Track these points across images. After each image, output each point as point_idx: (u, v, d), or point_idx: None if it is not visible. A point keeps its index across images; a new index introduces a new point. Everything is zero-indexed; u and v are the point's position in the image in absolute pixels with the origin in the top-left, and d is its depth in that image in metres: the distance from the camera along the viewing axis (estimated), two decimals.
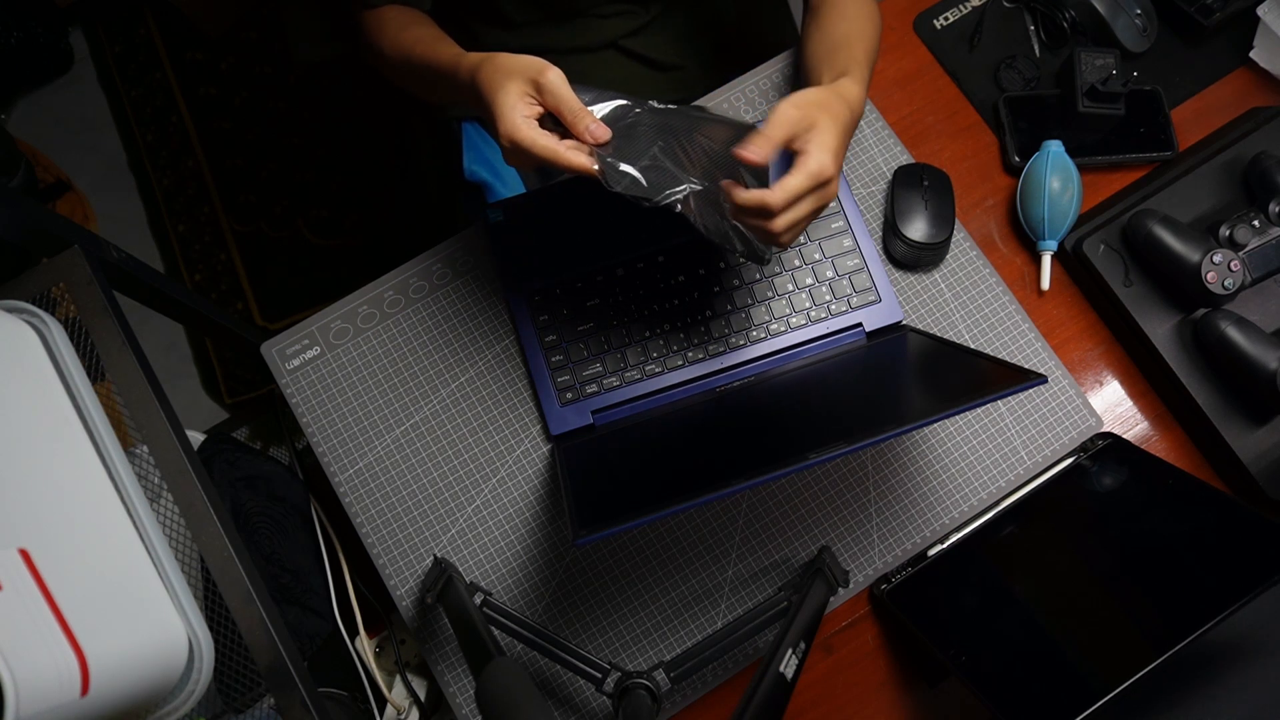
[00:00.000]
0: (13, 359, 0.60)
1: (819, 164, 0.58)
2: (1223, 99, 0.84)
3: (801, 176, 0.57)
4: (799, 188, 0.57)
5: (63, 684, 0.46)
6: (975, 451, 0.75)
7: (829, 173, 0.58)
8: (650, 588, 0.73)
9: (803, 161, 0.58)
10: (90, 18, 1.83)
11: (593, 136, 0.56)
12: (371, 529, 0.74)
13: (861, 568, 0.73)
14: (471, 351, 0.77)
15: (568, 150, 0.56)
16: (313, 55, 1.74)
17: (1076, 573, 0.66)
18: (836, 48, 0.71)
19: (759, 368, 0.75)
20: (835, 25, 0.73)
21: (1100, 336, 0.79)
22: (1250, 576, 0.55)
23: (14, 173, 1.27)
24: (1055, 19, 0.85)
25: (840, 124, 0.60)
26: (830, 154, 0.58)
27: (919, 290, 0.79)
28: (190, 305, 0.85)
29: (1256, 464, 0.72)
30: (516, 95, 0.57)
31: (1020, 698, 0.57)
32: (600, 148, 0.57)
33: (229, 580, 0.64)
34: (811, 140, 0.58)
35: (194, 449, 0.71)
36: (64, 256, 0.69)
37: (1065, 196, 0.77)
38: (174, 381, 1.62)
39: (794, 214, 0.58)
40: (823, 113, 0.59)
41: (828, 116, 0.59)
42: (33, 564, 0.49)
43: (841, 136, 0.60)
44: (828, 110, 0.60)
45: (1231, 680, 0.59)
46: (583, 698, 0.71)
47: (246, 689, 0.64)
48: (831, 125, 0.59)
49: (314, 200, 1.69)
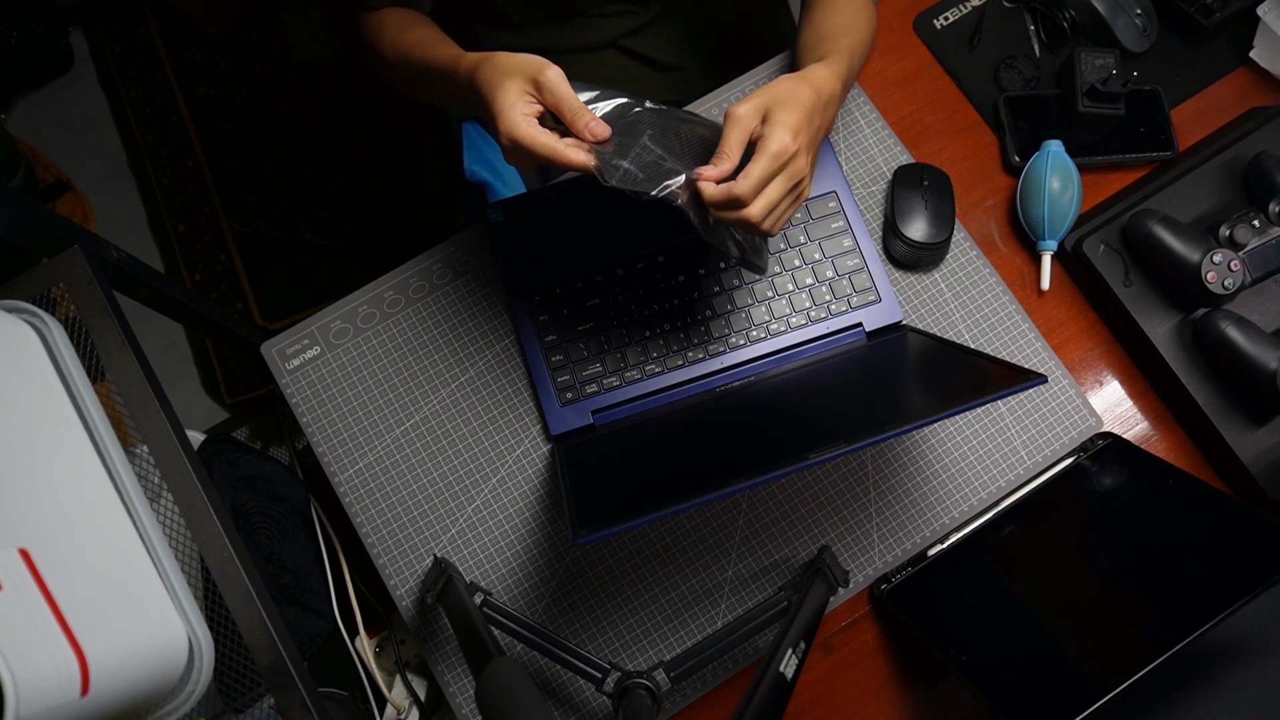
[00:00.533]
0: (13, 359, 0.60)
1: (779, 143, 0.57)
2: (1223, 99, 0.84)
3: (764, 160, 0.57)
4: (761, 172, 0.57)
5: (63, 684, 0.46)
6: (975, 451, 0.75)
7: (789, 149, 0.57)
8: (650, 588, 0.73)
9: (763, 145, 0.58)
10: (90, 18, 1.83)
11: (592, 134, 0.56)
12: (371, 529, 0.74)
13: (861, 568, 0.73)
14: (471, 351, 0.77)
15: (567, 148, 0.56)
16: (313, 55, 1.74)
17: (1076, 573, 0.66)
18: (821, 40, 0.71)
19: (759, 368, 0.75)
20: (826, 19, 0.73)
21: (1100, 336, 0.79)
22: (1250, 576, 0.55)
23: (14, 173, 1.28)
24: (1055, 19, 0.85)
25: (800, 104, 0.59)
26: (789, 131, 0.58)
27: (919, 290, 0.79)
28: (190, 305, 0.85)
29: (1256, 464, 0.72)
30: (516, 94, 0.57)
31: (1020, 698, 0.57)
32: (599, 145, 0.57)
33: (229, 580, 0.64)
34: (768, 124, 0.58)
35: (194, 449, 0.71)
36: (64, 256, 0.69)
37: (1065, 196, 0.77)
38: (174, 381, 1.62)
39: (766, 199, 0.58)
40: (777, 98, 0.59)
41: (784, 99, 0.59)
42: (33, 564, 0.49)
43: (801, 115, 0.59)
44: (782, 94, 0.59)
45: (1231, 680, 0.59)
46: (583, 698, 0.71)
47: (246, 689, 0.64)
48: (789, 106, 0.59)
49: (314, 200, 1.69)
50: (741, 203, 0.57)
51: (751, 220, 0.58)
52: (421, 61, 0.70)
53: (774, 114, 0.59)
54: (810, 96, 0.61)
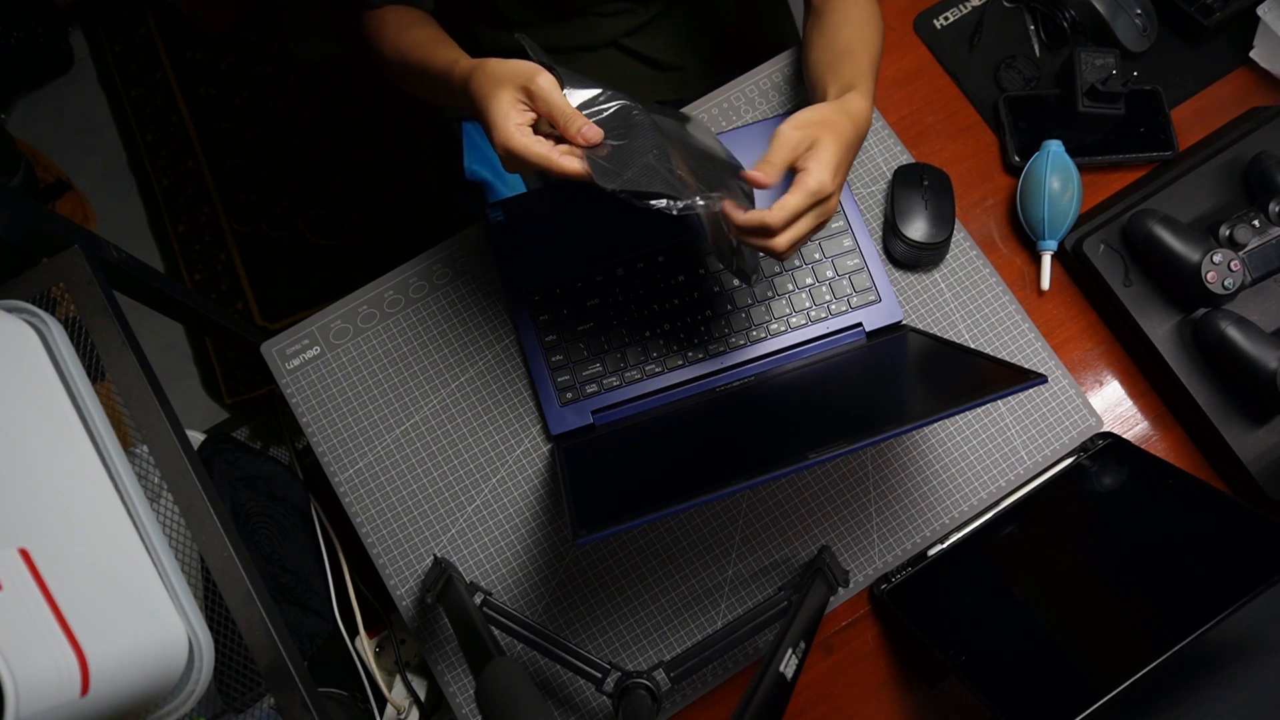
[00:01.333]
0: (13, 359, 0.60)
1: (818, 182, 0.58)
2: (1223, 99, 0.84)
3: (800, 195, 0.58)
4: (797, 206, 0.58)
5: (63, 684, 0.46)
6: (975, 451, 0.75)
7: (827, 189, 0.59)
8: (650, 588, 0.73)
9: (801, 179, 0.59)
10: (90, 18, 1.83)
11: (584, 139, 0.57)
12: (371, 529, 0.74)
13: (861, 568, 0.73)
14: (471, 351, 0.77)
15: (560, 156, 0.56)
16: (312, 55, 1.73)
17: (1076, 573, 0.66)
18: (840, 57, 0.71)
19: (759, 367, 0.75)
20: (839, 30, 0.73)
21: (1100, 336, 0.79)
22: (1250, 576, 0.55)
23: (14, 173, 1.28)
24: (1055, 19, 0.85)
25: (843, 140, 0.61)
26: (829, 170, 0.59)
27: (919, 290, 0.79)
28: (190, 305, 0.85)
29: (1256, 464, 0.72)
30: (509, 103, 0.57)
31: (1020, 698, 0.57)
32: (593, 149, 0.57)
33: (229, 580, 0.64)
34: (811, 158, 0.59)
35: (194, 449, 0.71)
36: (64, 256, 0.69)
37: (1065, 196, 0.77)
38: (174, 381, 1.62)
39: (794, 232, 0.59)
40: (825, 130, 0.60)
41: (829, 134, 0.60)
42: (33, 564, 0.49)
43: (843, 153, 0.61)
44: (830, 128, 0.60)
45: (1231, 680, 0.59)
46: (583, 698, 0.71)
47: (246, 689, 0.64)
48: (833, 143, 0.60)
49: (314, 200, 1.69)
50: (771, 231, 0.58)
51: (774, 249, 0.60)
52: (419, 64, 0.70)
53: (819, 149, 0.59)
54: (851, 134, 0.62)
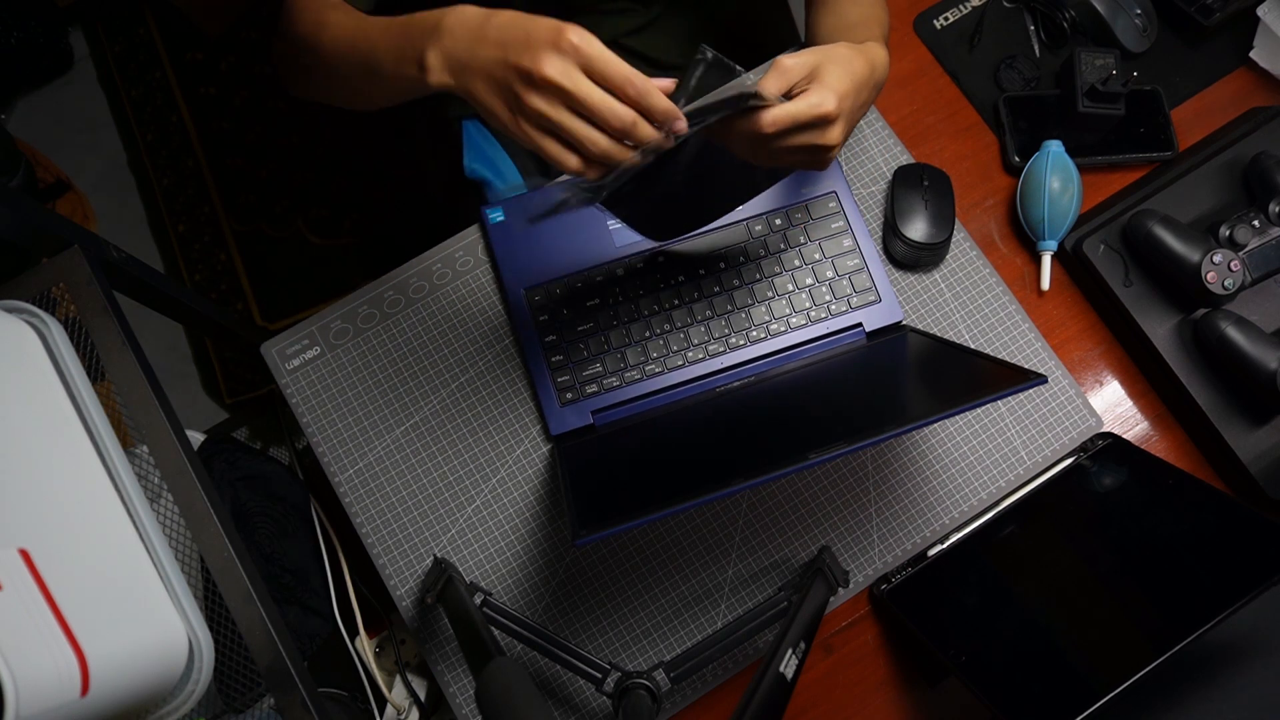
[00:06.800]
0: (13, 359, 0.60)
1: (819, 97, 0.53)
2: (1223, 99, 0.84)
3: (801, 104, 0.53)
4: (789, 113, 0.53)
5: (63, 684, 0.46)
6: (975, 451, 0.75)
7: (827, 108, 0.53)
8: (650, 588, 0.73)
9: (802, 96, 0.53)
10: (90, 18, 1.83)
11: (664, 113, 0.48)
12: (371, 529, 0.74)
13: (861, 568, 0.73)
14: (471, 351, 0.77)
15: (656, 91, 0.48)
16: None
17: (1076, 573, 0.66)
18: (853, 26, 0.68)
19: (759, 368, 0.75)
20: (848, 9, 0.71)
21: (1100, 336, 0.79)
22: (1250, 576, 0.55)
23: (14, 173, 1.27)
24: (1055, 19, 0.85)
25: (852, 72, 0.55)
26: (833, 93, 0.53)
27: (919, 290, 0.79)
28: (190, 305, 0.85)
29: (1256, 464, 0.72)
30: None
31: (1020, 698, 0.57)
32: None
33: (229, 580, 0.64)
34: (815, 81, 0.54)
35: (194, 449, 0.71)
36: (64, 256, 0.69)
37: (1065, 196, 0.77)
38: (174, 381, 1.62)
39: (783, 142, 0.54)
40: (829, 60, 0.55)
41: (835, 64, 0.55)
42: (33, 564, 0.49)
43: (851, 82, 0.55)
44: (837, 60, 0.55)
45: (1231, 680, 0.59)
46: (583, 698, 0.71)
47: (246, 689, 0.64)
48: (840, 70, 0.54)
49: (314, 200, 1.69)
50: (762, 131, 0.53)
51: (755, 156, 0.55)
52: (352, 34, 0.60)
53: (822, 73, 0.54)
54: (865, 69, 0.57)
